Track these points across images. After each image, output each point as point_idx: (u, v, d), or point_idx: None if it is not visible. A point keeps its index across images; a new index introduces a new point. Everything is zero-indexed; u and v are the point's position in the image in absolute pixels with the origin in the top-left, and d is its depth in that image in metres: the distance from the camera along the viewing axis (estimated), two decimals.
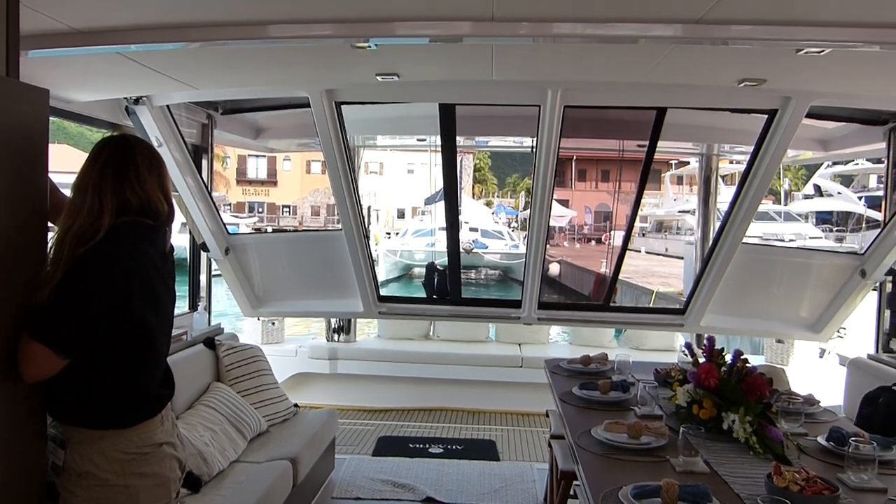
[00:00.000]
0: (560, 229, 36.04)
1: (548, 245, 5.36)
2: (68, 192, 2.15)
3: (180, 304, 4.89)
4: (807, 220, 30.44)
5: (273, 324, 7.25)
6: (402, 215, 43.56)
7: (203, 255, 5.38)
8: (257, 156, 46.39)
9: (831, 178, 32.81)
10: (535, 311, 5.49)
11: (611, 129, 5.72)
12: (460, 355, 7.29)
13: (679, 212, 32.61)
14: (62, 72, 3.06)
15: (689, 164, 30.26)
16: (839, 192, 31.42)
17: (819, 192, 33.48)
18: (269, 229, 39.50)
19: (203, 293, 5.40)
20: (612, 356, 4.32)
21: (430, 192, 26.38)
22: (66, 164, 2.14)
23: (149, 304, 2.13)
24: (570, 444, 3.02)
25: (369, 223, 6.78)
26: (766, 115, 4.37)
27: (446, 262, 5.93)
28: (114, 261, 2.04)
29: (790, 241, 22.47)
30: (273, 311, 6.01)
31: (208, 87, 4.01)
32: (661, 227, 35.85)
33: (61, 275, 1.99)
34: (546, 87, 4.20)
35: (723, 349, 3.18)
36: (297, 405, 4.71)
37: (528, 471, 5.01)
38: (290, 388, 6.11)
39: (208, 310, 5.39)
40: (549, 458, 4.13)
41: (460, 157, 6.75)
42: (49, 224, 2.18)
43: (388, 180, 41.60)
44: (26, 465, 2.14)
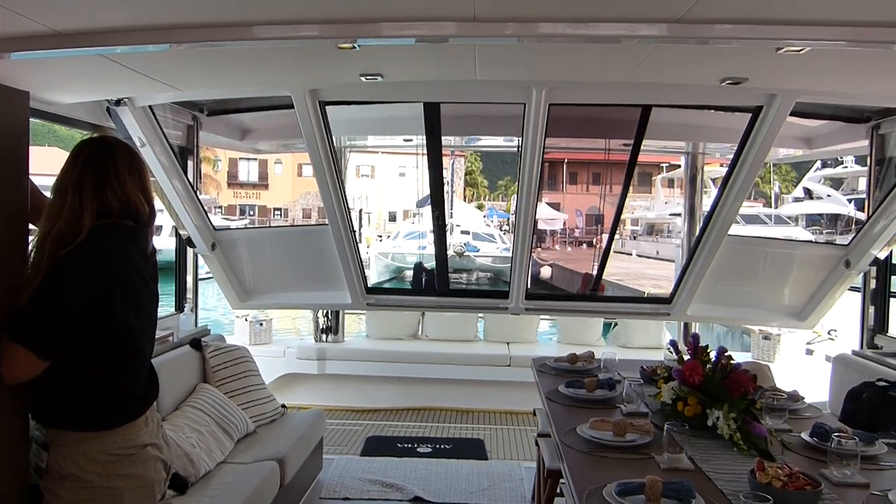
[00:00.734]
0: (552, 233, 35.94)
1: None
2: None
3: (166, 306, 4.88)
4: (797, 223, 30.66)
5: (261, 325, 7.23)
6: (393, 218, 43.44)
7: (189, 257, 5.36)
8: (248, 159, 46.17)
9: (821, 181, 33.05)
10: (523, 300, 5.47)
11: (597, 129, 5.74)
12: (448, 355, 7.27)
13: (670, 215, 32.72)
14: (44, 74, 3.03)
15: (679, 167, 30.23)
16: (829, 195, 31.69)
17: (809, 194, 33.73)
18: None
19: (189, 294, 5.38)
20: (599, 354, 4.34)
21: (420, 196, 26.31)
22: (55, 166, 2.13)
23: (131, 305, 2.12)
24: (556, 443, 3.03)
25: (360, 224, 6.78)
26: (751, 112, 4.41)
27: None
28: (94, 263, 2.04)
29: None
30: (260, 303, 5.98)
31: (191, 87, 4.00)
32: (652, 230, 36.02)
33: (42, 277, 1.99)
34: (531, 86, 4.22)
35: (707, 346, 3.20)
36: (284, 406, 4.70)
37: (516, 469, 5.03)
38: (278, 388, 6.10)
39: (195, 311, 5.37)
40: (536, 456, 4.15)
41: (451, 160, 6.76)
42: (30, 226, 2.18)
43: (380, 183, 41.51)
44: (10, 467, 2.14)
